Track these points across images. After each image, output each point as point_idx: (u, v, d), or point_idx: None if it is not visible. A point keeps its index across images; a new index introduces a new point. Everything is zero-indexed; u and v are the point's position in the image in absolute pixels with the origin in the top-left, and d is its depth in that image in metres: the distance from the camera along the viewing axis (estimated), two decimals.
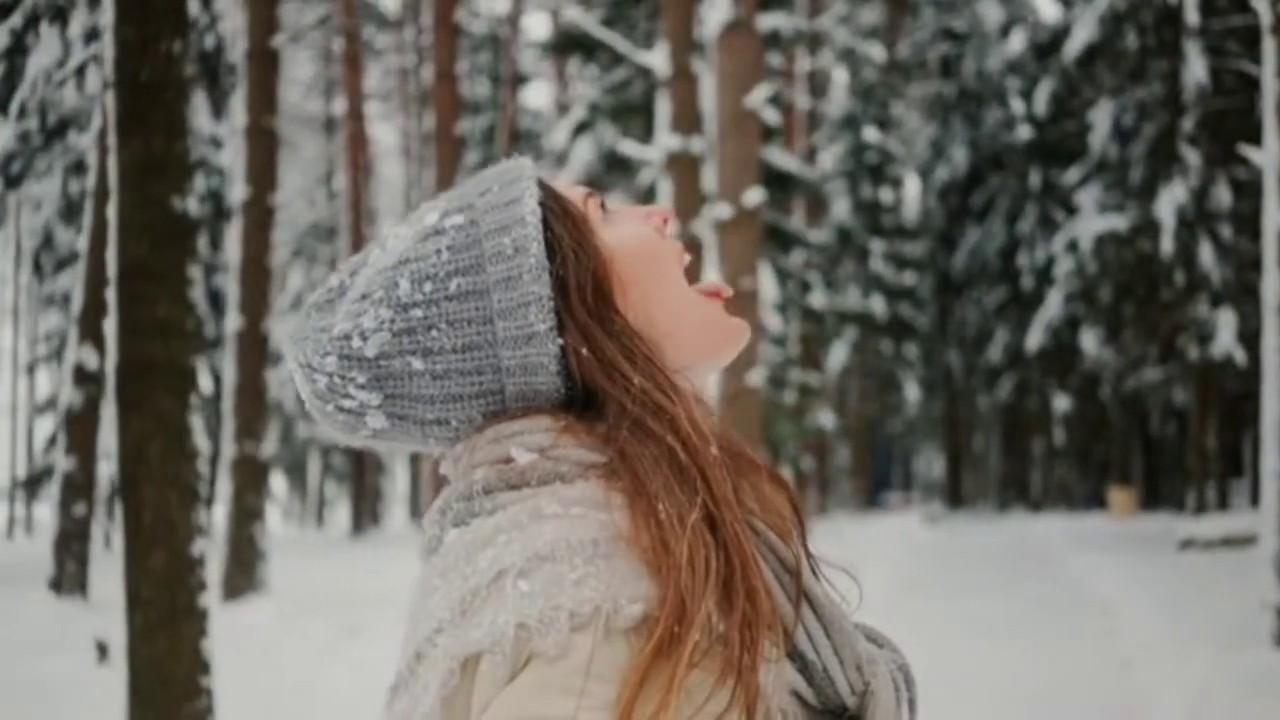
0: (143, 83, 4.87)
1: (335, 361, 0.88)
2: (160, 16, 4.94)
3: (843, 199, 27.74)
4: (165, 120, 4.89)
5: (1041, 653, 8.45)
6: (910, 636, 5.71)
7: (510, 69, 21.83)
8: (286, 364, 0.93)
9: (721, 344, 0.94)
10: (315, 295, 0.93)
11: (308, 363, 0.90)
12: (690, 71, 9.71)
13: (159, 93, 4.89)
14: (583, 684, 0.73)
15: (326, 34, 26.40)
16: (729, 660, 0.76)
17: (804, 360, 18.46)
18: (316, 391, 0.91)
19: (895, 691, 0.90)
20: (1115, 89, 17.83)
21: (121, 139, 4.89)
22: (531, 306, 0.86)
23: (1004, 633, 9.38)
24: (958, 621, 9.94)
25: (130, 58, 4.88)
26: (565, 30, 14.39)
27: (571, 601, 0.74)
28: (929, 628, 9.61)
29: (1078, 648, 8.67)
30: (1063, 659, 8.23)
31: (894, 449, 40.89)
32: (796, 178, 15.93)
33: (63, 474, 11.81)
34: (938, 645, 8.77)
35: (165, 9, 4.97)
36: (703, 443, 0.84)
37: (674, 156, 9.68)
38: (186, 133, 4.94)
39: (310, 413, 0.94)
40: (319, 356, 0.89)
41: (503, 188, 0.91)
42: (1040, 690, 7.28)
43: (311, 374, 0.90)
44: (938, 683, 7.52)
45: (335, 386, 0.89)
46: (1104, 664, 8.11)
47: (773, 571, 0.83)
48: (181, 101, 4.94)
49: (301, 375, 0.91)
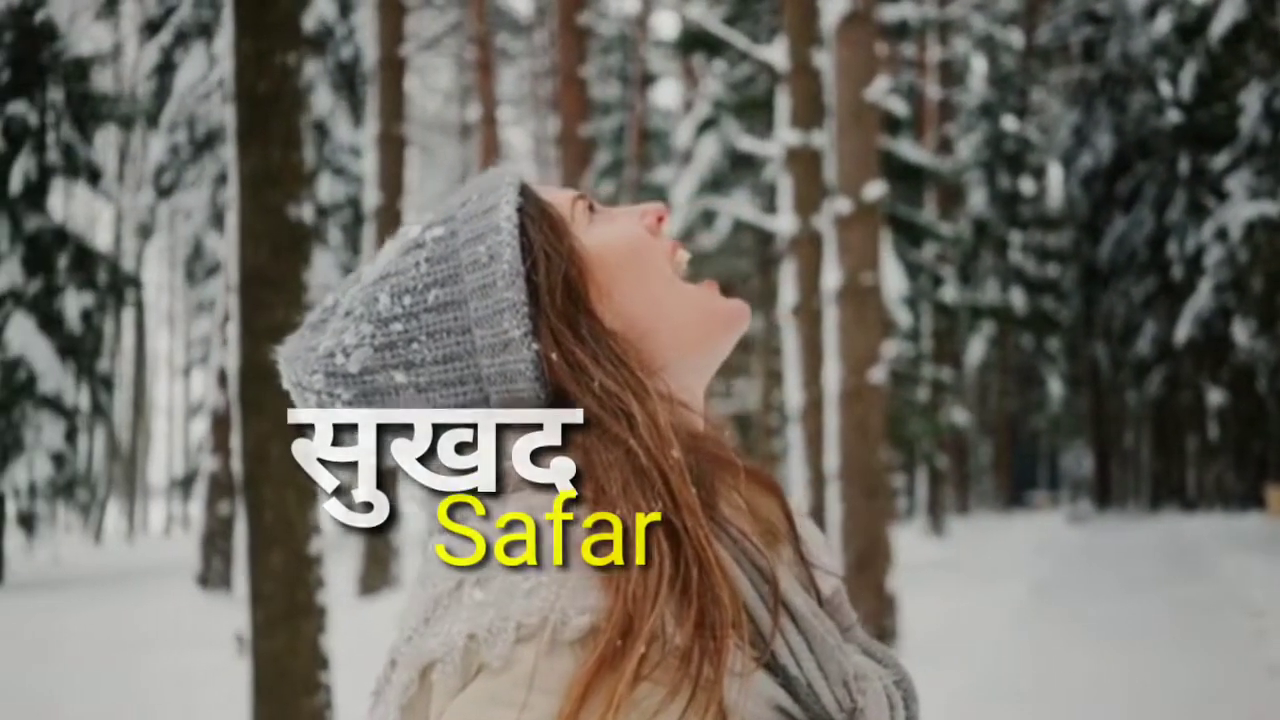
0: (260, 95, 5.03)
1: (322, 379, 0.88)
2: (276, 30, 5.09)
3: (979, 190, 27.06)
4: (282, 131, 5.04)
5: (1186, 657, 8.11)
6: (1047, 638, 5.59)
7: (638, 69, 21.92)
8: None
9: (714, 329, 0.91)
10: (311, 314, 0.93)
11: (298, 381, 0.90)
12: (810, 65, 9.59)
13: (276, 104, 5.04)
14: (525, 697, 0.71)
15: (461, 41, 26.92)
16: (687, 673, 0.74)
17: (937, 356, 18.06)
18: (309, 409, 0.90)
19: (890, 710, 0.85)
20: (1265, 70, 16.98)
21: (241, 150, 5.06)
22: (505, 313, 0.85)
23: (1147, 636, 9.02)
24: (1098, 624, 9.61)
25: (248, 70, 5.04)
26: (690, 28, 14.34)
27: (520, 612, 0.73)
28: (1067, 629, 9.33)
29: (1224, 652, 8.30)
30: (1208, 664, 7.88)
31: (1039, 446, 39.73)
32: (927, 169, 15.61)
33: (209, 473, 12.30)
34: (1076, 648, 8.50)
35: (281, 23, 5.13)
36: (663, 445, 0.81)
37: (794, 151, 9.58)
38: (302, 143, 5.08)
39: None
40: (307, 375, 0.89)
41: (481, 196, 0.91)
42: (1183, 695, 6.99)
43: (302, 393, 0.90)
44: (1075, 687, 7.29)
45: (325, 404, 0.89)
46: (1251, 670, 7.73)
47: (749, 580, 0.80)
48: (297, 112, 5.08)
49: (295, 394, 0.91)
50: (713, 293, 0.92)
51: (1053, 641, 8.78)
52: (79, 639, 10.27)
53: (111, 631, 10.61)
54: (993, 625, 9.54)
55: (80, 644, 9.95)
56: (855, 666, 0.84)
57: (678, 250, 0.94)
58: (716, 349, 0.92)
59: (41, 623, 11.67)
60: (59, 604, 13.47)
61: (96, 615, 12.05)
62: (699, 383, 0.93)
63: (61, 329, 17.03)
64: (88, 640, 10.17)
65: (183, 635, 9.64)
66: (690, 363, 0.90)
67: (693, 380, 0.91)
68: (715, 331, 0.91)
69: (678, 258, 0.94)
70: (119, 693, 7.54)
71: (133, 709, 6.96)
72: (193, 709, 7.12)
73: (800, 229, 9.59)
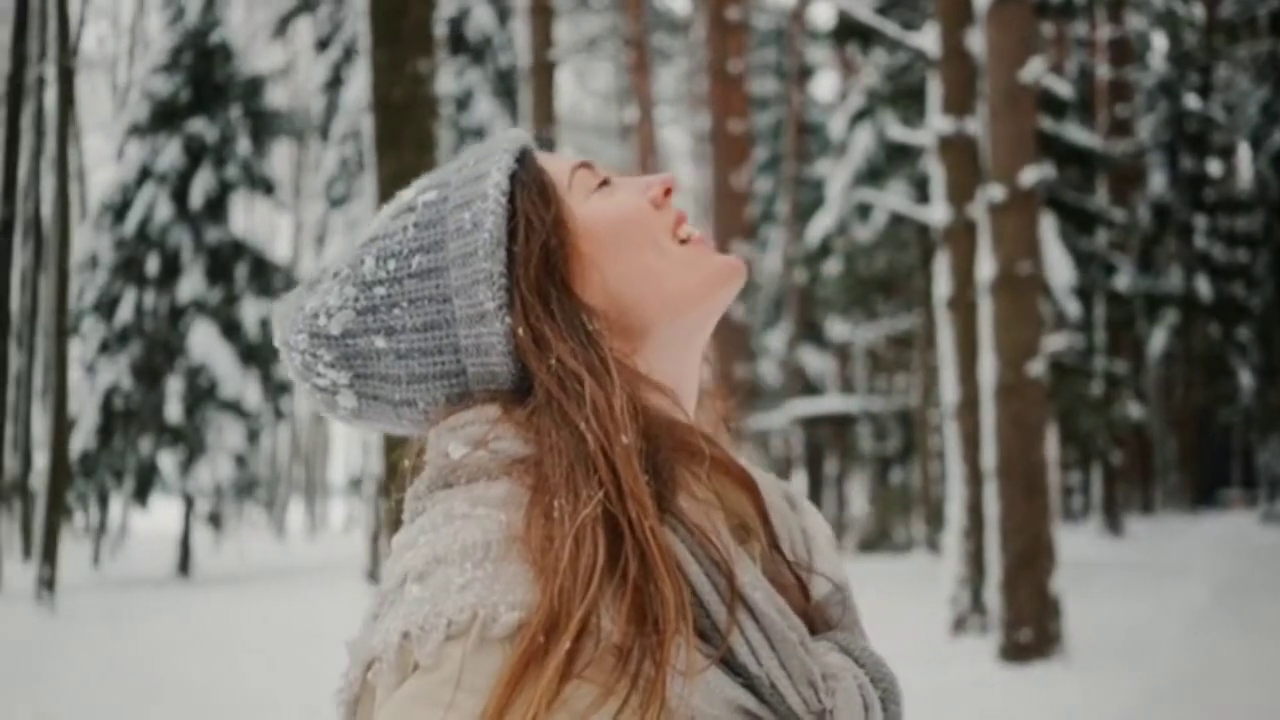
0: (394, 102, 5.16)
1: (305, 339, 0.88)
2: (409, 38, 5.21)
3: (1160, 173, 25.81)
4: (415, 136, 5.15)
5: None
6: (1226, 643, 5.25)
7: (795, 62, 21.70)
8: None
9: (709, 284, 0.87)
10: (309, 276, 0.93)
11: (285, 340, 0.90)
12: (962, 49, 9.29)
13: (409, 111, 5.16)
14: (451, 696, 0.69)
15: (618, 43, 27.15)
16: (624, 670, 0.70)
17: (1112, 347, 17.29)
18: (294, 369, 0.91)
19: (865, 711, 0.80)
20: None
21: (379, 156, 5.19)
22: (481, 284, 0.83)
23: None
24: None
25: (383, 79, 5.18)
26: (844, 17, 14.10)
27: (453, 608, 0.71)
28: (1250, 635, 8.79)
29: None
30: None
31: (1231, 442, 37.67)
32: (1097, 153, 14.97)
33: (375, 472, 12.70)
34: (1258, 654, 7.99)
35: (414, 33, 5.24)
36: (614, 429, 0.77)
37: (946, 139, 9.30)
38: (435, 147, 5.18)
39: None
40: (294, 334, 0.89)
41: (477, 162, 0.89)
42: None
43: (289, 352, 0.90)
44: (1255, 697, 6.84)
45: (309, 364, 0.89)
46: None
47: (706, 574, 0.75)
48: (430, 118, 5.19)
49: (283, 353, 0.91)
50: (704, 250, 0.89)
51: (1233, 647, 8.28)
52: (253, 629, 10.75)
53: (283, 622, 11.07)
54: (1168, 630, 9.06)
55: (254, 634, 10.41)
56: (826, 666, 0.79)
57: (682, 223, 0.90)
58: (711, 306, 0.89)
59: (220, 614, 12.26)
60: (239, 597, 14.14)
61: (271, 607, 12.60)
62: (691, 352, 0.89)
63: (241, 336, 17.86)
64: (261, 630, 10.64)
65: (349, 627, 10.00)
66: (684, 324, 0.87)
67: (683, 351, 0.88)
68: (710, 287, 0.88)
69: (682, 231, 0.90)
70: (284, 679, 7.85)
71: (294, 695, 7.22)
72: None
73: (954, 218, 9.29)
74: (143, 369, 17.51)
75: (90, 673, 8.55)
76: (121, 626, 11.28)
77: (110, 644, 10.04)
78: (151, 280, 17.65)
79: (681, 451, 0.80)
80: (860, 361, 24.15)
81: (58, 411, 13.81)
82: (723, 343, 16.65)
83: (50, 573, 13.01)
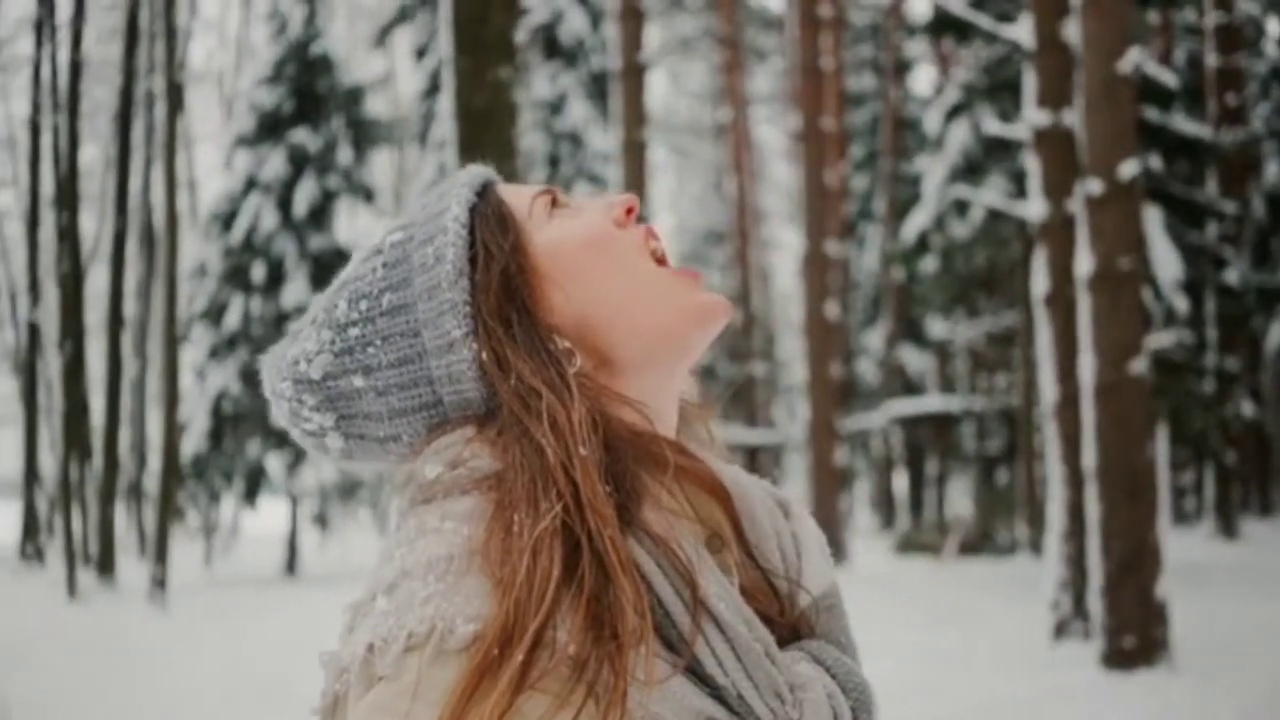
0: (476, 109, 5.22)
1: (290, 386, 0.91)
2: (490, 47, 5.27)
3: (1274, 162, 24.89)
4: (497, 142, 5.21)
5: None
6: None
7: (891, 57, 21.43)
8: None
9: (684, 325, 0.87)
10: (296, 323, 0.96)
11: (272, 389, 0.93)
12: (1059, 40, 9.07)
13: (490, 117, 5.21)
14: (408, 707, 0.70)
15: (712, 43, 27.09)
16: (581, 680, 0.71)
17: (1224, 344, 16.70)
18: (283, 416, 0.93)
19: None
20: None
21: (461, 162, 5.26)
22: (447, 315, 0.85)
23: None
24: None
25: (465, 87, 5.24)
26: (940, 11, 13.88)
27: (414, 620, 0.72)
28: None
29: None
30: None
31: None
32: (1206, 143, 14.49)
33: None
34: None
35: (495, 40, 5.30)
36: (572, 442, 0.78)
37: (1042, 132, 9.08)
38: (515, 154, 5.23)
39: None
40: (279, 382, 0.92)
41: (439, 199, 0.91)
42: None
43: (277, 400, 0.93)
44: None
45: (295, 410, 0.91)
46: None
47: (670, 584, 0.76)
48: (510, 125, 5.24)
49: (271, 402, 0.94)
50: (688, 286, 0.88)
51: None
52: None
53: None
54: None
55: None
56: (795, 676, 0.79)
57: (651, 239, 0.91)
58: (686, 346, 0.88)
59: (326, 613, 12.52)
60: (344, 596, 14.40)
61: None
62: (668, 381, 0.89)
63: None
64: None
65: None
66: (657, 357, 0.87)
67: (659, 381, 0.88)
68: (684, 325, 0.88)
69: (651, 246, 0.90)
70: None
71: None
72: None
73: (1051, 213, 9.08)
74: (250, 374, 17.99)
75: (200, 670, 8.81)
76: (231, 625, 11.61)
77: (220, 642, 10.34)
78: (257, 287, 18.12)
79: (645, 462, 0.81)
80: (961, 360, 23.75)
81: (169, 415, 14.27)
82: (818, 342, 16.49)
83: (162, 572, 13.45)
